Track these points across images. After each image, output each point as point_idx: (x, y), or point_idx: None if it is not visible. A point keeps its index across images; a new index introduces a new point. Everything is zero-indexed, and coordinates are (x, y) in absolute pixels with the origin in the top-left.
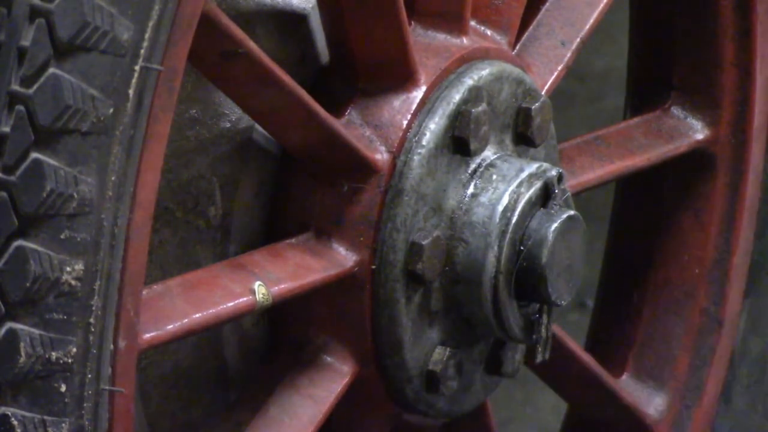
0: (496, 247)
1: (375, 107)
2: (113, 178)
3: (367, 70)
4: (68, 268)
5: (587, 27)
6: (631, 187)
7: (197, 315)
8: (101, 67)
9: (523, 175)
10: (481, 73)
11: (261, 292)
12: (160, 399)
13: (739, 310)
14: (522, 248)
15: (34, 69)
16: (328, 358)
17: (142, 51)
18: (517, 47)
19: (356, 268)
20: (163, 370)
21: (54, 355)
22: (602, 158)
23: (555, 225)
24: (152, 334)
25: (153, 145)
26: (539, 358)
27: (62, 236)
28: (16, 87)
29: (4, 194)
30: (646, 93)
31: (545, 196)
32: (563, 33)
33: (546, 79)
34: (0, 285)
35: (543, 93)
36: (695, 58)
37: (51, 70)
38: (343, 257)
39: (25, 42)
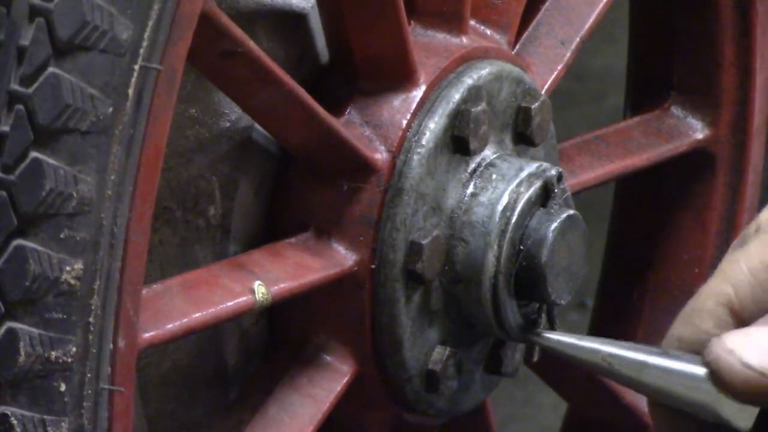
0: (495, 247)
1: (375, 106)
2: (113, 177)
3: (366, 70)
4: (68, 268)
5: (587, 26)
6: (631, 187)
7: (197, 314)
8: (101, 66)
9: (523, 174)
10: (481, 73)
11: (261, 291)
12: (159, 398)
13: None
14: (522, 248)
15: (33, 68)
16: (328, 358)
17: (142, 50)
18: (517, 47)
19: (356, 268)
20: (163, 370)
21: (53, 354)
22: (602, 158)
23: (555, 224)
24: (152, 333)
25: (152, 145)
26: (536, 357)
27: (62, 235)
28: (15, 86)
29: (3, 193)
30: (646, 93)
31: (545, 196)
32: (563, 32)
33: (546, 79)
34: None
35: (543, 92)
36: (695, 58)
37: (50, 69)
38: (343, 257)
39: (25, 41)
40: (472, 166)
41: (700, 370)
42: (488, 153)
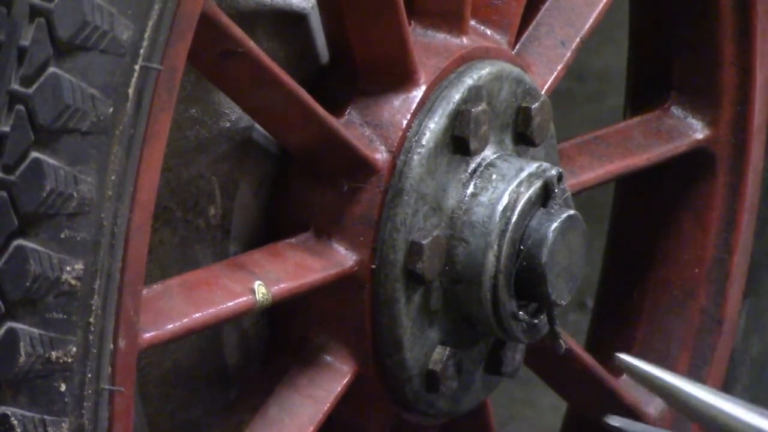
0: (495, 247)
1: (375, 107)
2: (113, 178)
3: (366, 70)
4: (68, 268)
5: (587, 27)
6: (631, 187)
7: (197, 314)
8: (101, 66)
9: (523, 174)
10: (481, 73)
11: (261, 291)
12: (159, 399)
13: (739, 309)
14: (522, 248)
15: (34, 68)
16: (328, 358)
17: (142, 50)
18: (517, 47)
19: (356, 268)
20: (163, 370)
21: (54, 354)
22: (602, 158)
23: (555, 224)
24: (152, 333)
25: (153, 145)
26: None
27: (62, 236)
28: (16, 86)
29: (4, 194)
30: (646, 93)
31: (545, 196)
32: (563, 33)
33: (546, 79)
34: (0, 284)
35: (543, 92)
36: (695, 58)
37: (51, 69)
38: (343, 257)
39: (25, 41)
40: (473, 166)
41: None
42: (488, 153)
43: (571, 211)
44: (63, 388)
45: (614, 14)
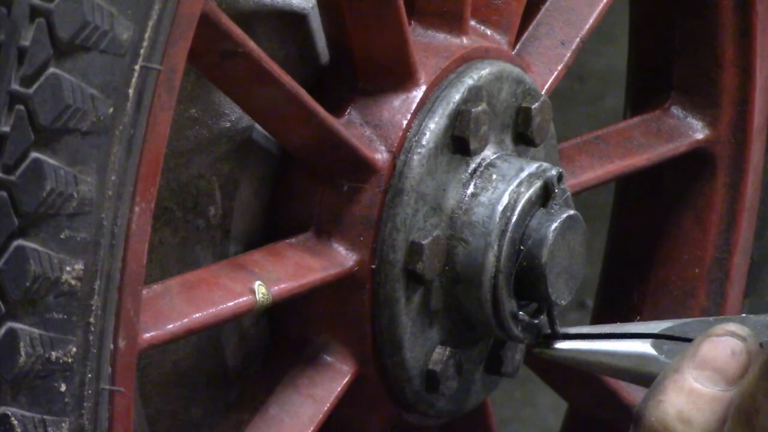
0: (495, 247)
1: (375, 107)
2: (113, 178)
3: (367, 70)
4: (68, 268)
5: (587, 27)
6: (631, 187)
7: (197, 314)
8: (101, 66)
9: (523, 174)
10: (481, 73)
11: (261, 291)
12: (160, 399)
13: (739, 310)
14: (522, 248)
15: (34, 68)
16: (328, 358)
17: (142, 50)
18: (517, 47)
19: (356, 268)
20: (163, 370)
21: (54, 354)
22: (602, 158)
23: (555, 224)
24: (152, 333)
25: (153, 145)
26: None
27: (62, 236)
28: (16, 86)
29: (4, 194)
30: (646, 93)
31: (545, 196)
32: (563, 33)
33: (546, 79)
34: (0, 284)
35: (543, 93)
36: (695, 58)
37: (51, 69)
38: (343, 257)
39: (25, 41)
40: (473, 166)
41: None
42: (488, 153)
43: (571, 211)
44: (63, 388)
45: (614, 14)
